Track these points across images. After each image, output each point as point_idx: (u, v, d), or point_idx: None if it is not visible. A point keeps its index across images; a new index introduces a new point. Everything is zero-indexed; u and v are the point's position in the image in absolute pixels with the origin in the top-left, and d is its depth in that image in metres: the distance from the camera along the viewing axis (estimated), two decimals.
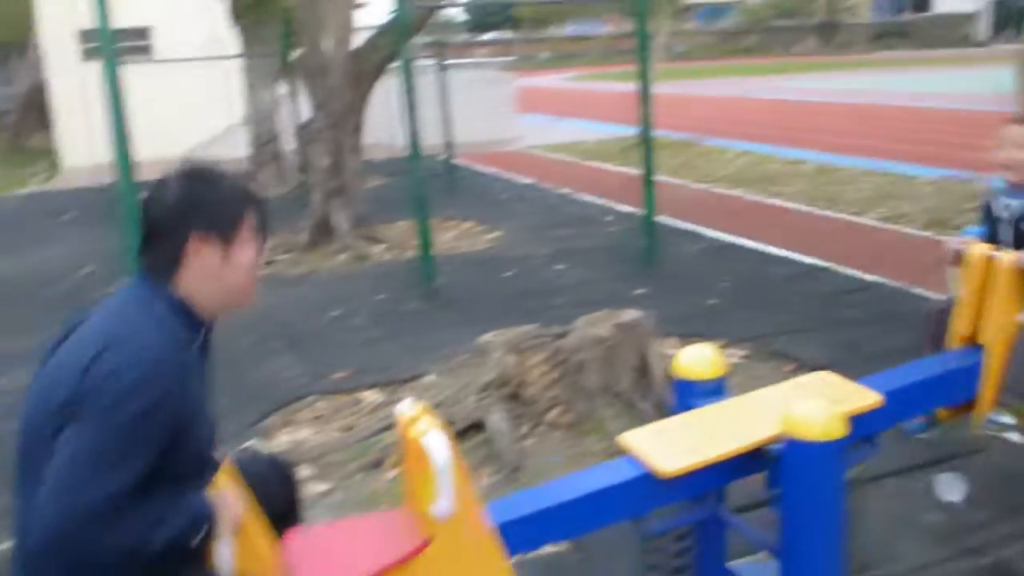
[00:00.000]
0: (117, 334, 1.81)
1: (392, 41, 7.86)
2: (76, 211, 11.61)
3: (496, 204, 10.55)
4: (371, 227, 8.66)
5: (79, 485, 1.69)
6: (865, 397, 2.50)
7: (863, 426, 2.43)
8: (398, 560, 2.04)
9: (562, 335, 4.31)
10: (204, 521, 1.85)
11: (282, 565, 2.01)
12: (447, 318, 6.10)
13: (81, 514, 1.69)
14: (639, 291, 6.45)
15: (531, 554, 3.17)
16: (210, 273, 1.91)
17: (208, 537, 1.86)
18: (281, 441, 4.42)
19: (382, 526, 2.25)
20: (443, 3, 8.42)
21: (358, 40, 8.61)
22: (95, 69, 10.62)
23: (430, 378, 5.03)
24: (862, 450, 2.52)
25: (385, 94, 10.80)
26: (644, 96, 6.88)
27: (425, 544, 2.04)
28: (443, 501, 1.98)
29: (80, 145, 16.29)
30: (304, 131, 8.73)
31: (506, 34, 63.69)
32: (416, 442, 2.00)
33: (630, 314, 4.26)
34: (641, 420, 3.68)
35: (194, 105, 16.95)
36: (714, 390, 2.63)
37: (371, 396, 4.87)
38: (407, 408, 2.14)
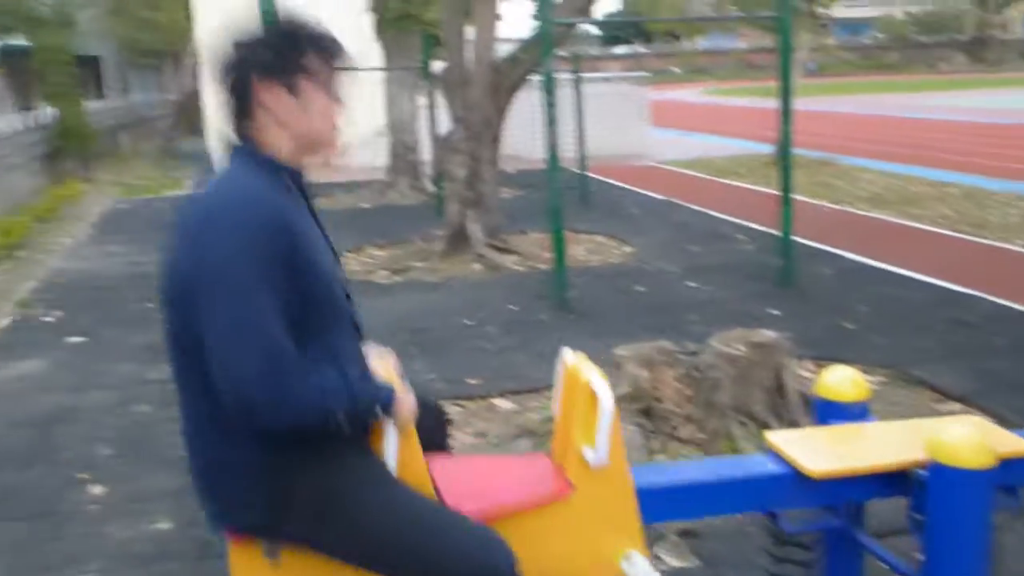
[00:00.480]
0: (207, 197, 1.85)
1: (532, 55, 8.03)
2: None
3: (628, 218, 10.57)
4: (504, 238, 8.82)
5: (235, 351, 1.74)
6: (1016, 444, 2.43)
7: (1010, 474, 2.36)
8: (543, 497, 2.09)
9: (696, 352, 4.33)
10: (386, 401, 1.91)
11: (430, 478, 2.06)
12: (578, 330, 6.18)
13: (251, 378, 1.74)
14: (773, 311, 6.38)
15: (660, 568, 3.23)
16: (282, 118, 1.91)
17: (381, 420, 1.92)
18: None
19: (525, 465, 2.31)
20: (584, 19, 8.48)
21: (497, 54, 8.80)
22: None
23: None
24: (1003, 500, 2.45)
25: (520, 107, 10.97)
26: (784, 113, 6.81)
27: (571, 487, 2.09)
28: (601, 448, 2.02)
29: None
30: (443, 142, 8.97)
31: (639, 48, 63.46)
32: (587, 384, 2.05)
33: (766, 334, 4.24)
34: None
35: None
36: (857, 413, 2.61)
37: (504, 404, 4.99)
38: (571, 355, 2.21)
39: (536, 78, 7.41)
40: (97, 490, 4.13)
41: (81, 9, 28.78)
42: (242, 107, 1.92)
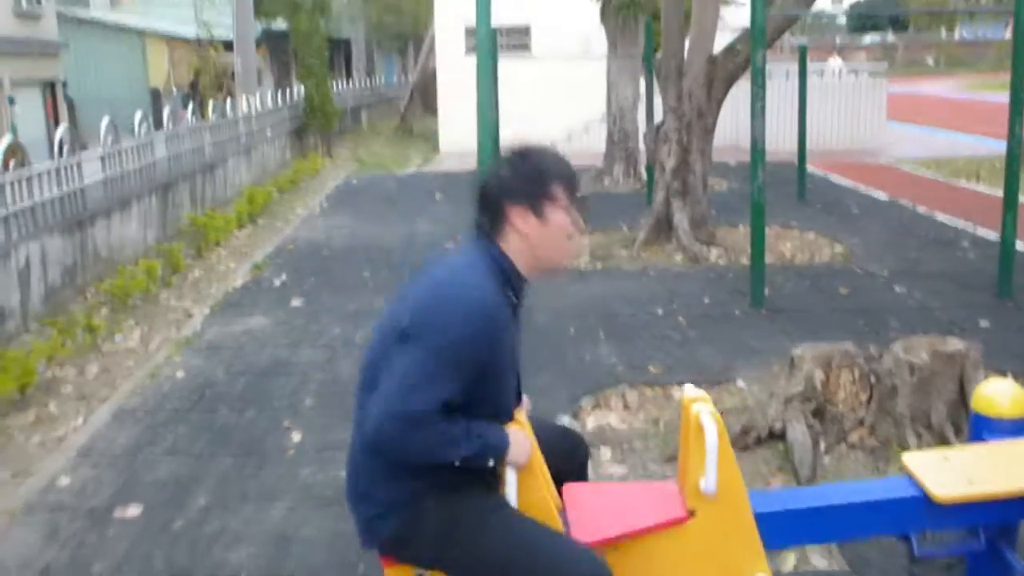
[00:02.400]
0: (450, 277, 2.19)
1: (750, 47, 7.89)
2: (447, 191, 12.78)
3: (845, 217, 10.18)
4: (711, 230, 8.75)
5: (402, 395, 2.06)
6: None
7: None
8: (661, 524, 2.24)
9: (876, 356, 4.20)
10: (498, 450, 2.18)
11: (557, 507, 2.28)
12: (770, 328, 6.09)
13: (399, 418, 2.06)
14: (982, 322, 6.01)
15: (805, 567, 3.21)
16: (525, 238, 2.21)
17: (500, 463, 2.19)
18: (589, 422, 4.72)
19: (652, 492, 2.45)
20: (802, 11, 8.23)
21: (721, 44, 8.72)
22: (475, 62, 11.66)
23: (740, 383, 5.11)
24: None
25: (736, 98, 10.69)
26: (1015, 104, 6.35)
27: (689, 515, 2.21)
28: (710, 478, 2.16)
29: (457, 131, 17.74)
30: (655, 131, 8.99)
31: (889, 36, 59.96)
32: (696, 419, 2.20)
33: (953, 343, 4.05)
34: None
35: (562, 99, 17.93)
36: (1014, 429, 2.51)
37: (681, 393, 5.03)
38: (691, 390, 2.35)
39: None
40: (296, 437, 4.56)
41: None
42: (494, 222, 2.24)
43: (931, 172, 13.92)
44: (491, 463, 2.19)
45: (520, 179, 2.22)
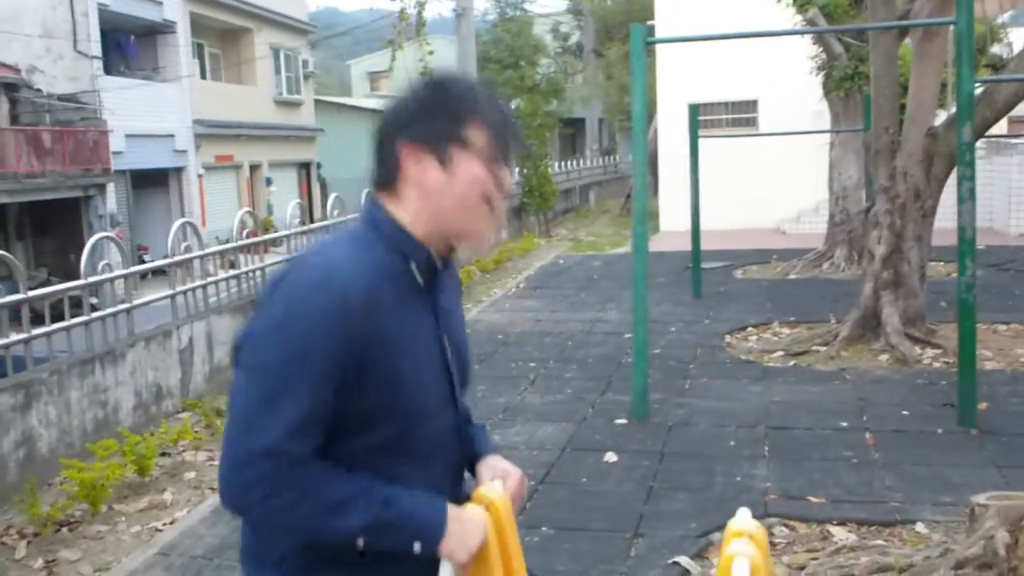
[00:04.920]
0: (298, 261, 1.59)
1: (982, 117, 6.85)
2: (650, 274, 12.13)
3: None
4: (929, 327, 7.60)
5: (241, 434, 1.48)
6: None
7: None
8: None
9: None
10: (424, 531, 1.54)
11: None
12: (976, 455, 5.00)
13: (242, 466, 1.46)
14: None
15: None
16: (423, 193, 1.59)
17: (427, 554, 1.54)
18: (717, 563, 3.94)
19: None
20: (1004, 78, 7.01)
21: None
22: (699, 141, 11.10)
23: (920, 528, 4.14)
24: None
25: (993, 173, 9.43)
26: None
27: None
28: None
29: (677, 210, 17.09)
30: (867, 215, 8.01)
31: None
32: (728, 561, 1.80)
33: None
34: None
35: (791, 176, 16.91)
36: None
37: (841, 534, 4.14)
38: (741, 520, 1.90)
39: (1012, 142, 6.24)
40: None
41: (572, 76, 31.37)
42: (385, 171, 1.63)
43: None
44: (416, 549, 1.53)
45: (423, 112, 1.59)
